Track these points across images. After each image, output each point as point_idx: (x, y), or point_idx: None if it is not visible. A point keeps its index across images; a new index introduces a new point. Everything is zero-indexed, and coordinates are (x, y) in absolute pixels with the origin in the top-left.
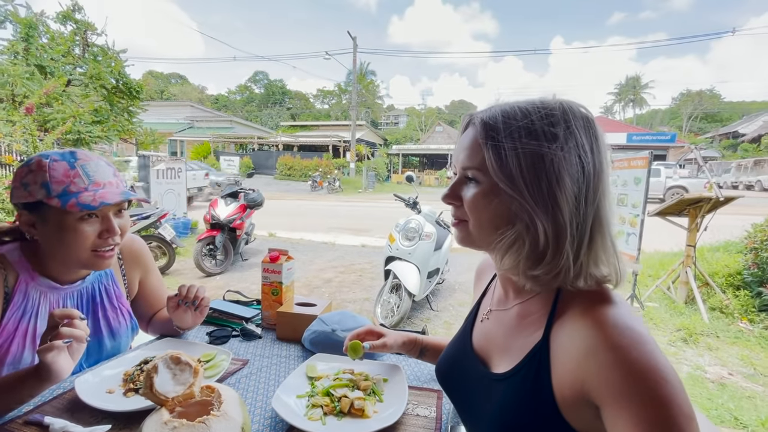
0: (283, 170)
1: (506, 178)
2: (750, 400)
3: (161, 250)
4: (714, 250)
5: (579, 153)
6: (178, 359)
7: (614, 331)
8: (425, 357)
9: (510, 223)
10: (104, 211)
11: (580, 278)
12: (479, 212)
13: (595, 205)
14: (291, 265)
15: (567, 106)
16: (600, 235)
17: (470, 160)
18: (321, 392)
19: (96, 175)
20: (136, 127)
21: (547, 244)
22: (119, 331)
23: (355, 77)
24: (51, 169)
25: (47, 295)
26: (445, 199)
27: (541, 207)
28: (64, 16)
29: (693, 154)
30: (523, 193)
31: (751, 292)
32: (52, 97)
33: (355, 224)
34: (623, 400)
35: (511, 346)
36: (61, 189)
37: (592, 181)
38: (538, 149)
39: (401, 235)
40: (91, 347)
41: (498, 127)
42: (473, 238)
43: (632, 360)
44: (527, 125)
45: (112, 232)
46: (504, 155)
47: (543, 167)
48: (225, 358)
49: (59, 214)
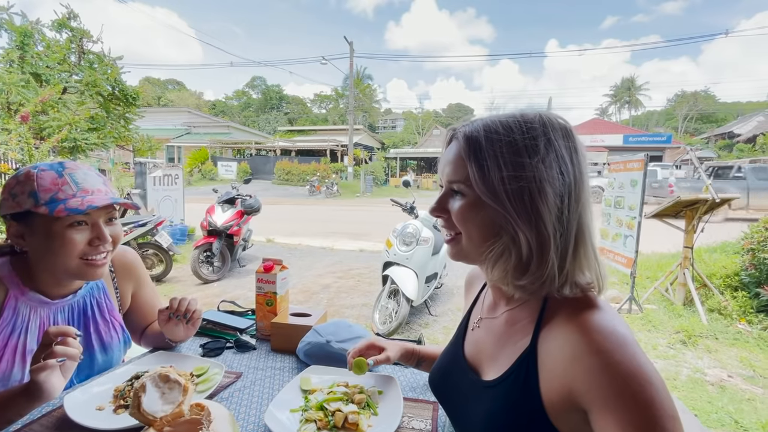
0: (280, 175)
1: (489, 191)
2: (750, 402)
3: (158, 257)
4: (711, 251)
5: (559, 165)
6: (166, 377)
7: (598, 335)
8: (422, 366)
9: (496, 235)
10: (94, 218)
11: (566, 286)
12: (467, 224)
13: (578, 214)
14: (285, 275)
15: (546, 119)
16: (582, 243)
17: (455, 174)
18: (315, 406)
19: (84, 183)
20: (133, 133)
21: (531, 255)
22: (111, 346)
23: (351, 82)
24: (39, 179)
25: (37, 310)
26: (432, 212)
27: (524, 219)
28: (59, 24)
29: (689, 155)
30: (506, 207)
31: (749, 293)
32: (47, 104)
33: (353, 229)
34: (609, 403)
35: (500, 353)
36: (48, 197)
37: (574, 191)
38: (519, 163)
39: (399, 240)
40: (82, 362)
41: (480, 142)
42: (466, 252)
43: (616, 363)
44: (508, 140)
45: (102, 239)
46: (487, 169)
47: (525, 180)
48: (218, 371)
49: (47, 222)
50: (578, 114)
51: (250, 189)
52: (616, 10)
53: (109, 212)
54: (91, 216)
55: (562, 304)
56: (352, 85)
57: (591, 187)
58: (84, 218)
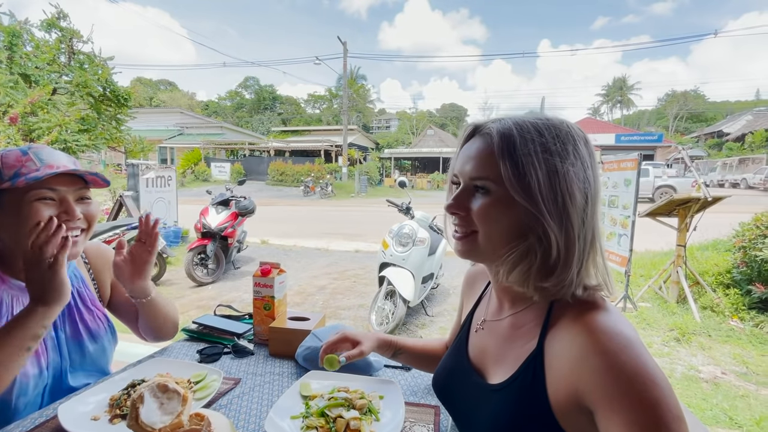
0: (274, 176)
1: (523, 190)
2: (744, 399)
3: None
4: (703, 248)
5: (585, 171)
6: (165, 387)
7: (604, 336)
8: (400, 358)
9: (522, 235)
10: (61, 193)
11: (579, 289)
12: (490, 223)
13: (594, 220)
14: (283, 279)
15: (569, 126)
16: (594, 248)
17: (481, 170)
18: (315, 413)
19: (49, 159)
20: (125, 135)
21: (558, 257)
22: (99, 333)
23: (345, 82)
24: (3, 158)
25: (20, 298)
26: (449, 209)
27: (555, 220)
28: (48, 24)
29: (680, 153)
30: (539, 206)
31: (741, 290)
32: (37, 106)
33: (348, 229)
34: (615, 404)
35: (505, 356)
36: (12, 173)
37: (591, 197)
38: (553, 165)
39: (395, 241)
40: (74, 352)
41: (514, 140)
42: (481, 250)
43: (622, 364)
44: (541, 140)
45: (71, 215)
46: (522, 167)
47: (558, 182)
48: (216, 378)
49: (13, 198)
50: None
51: (244, 190)
52: (607, 11)
53: (78, 190)
54: (59, 191)
55: (568, 306)
56: (346, 85)
57: None
58: (51, 194)
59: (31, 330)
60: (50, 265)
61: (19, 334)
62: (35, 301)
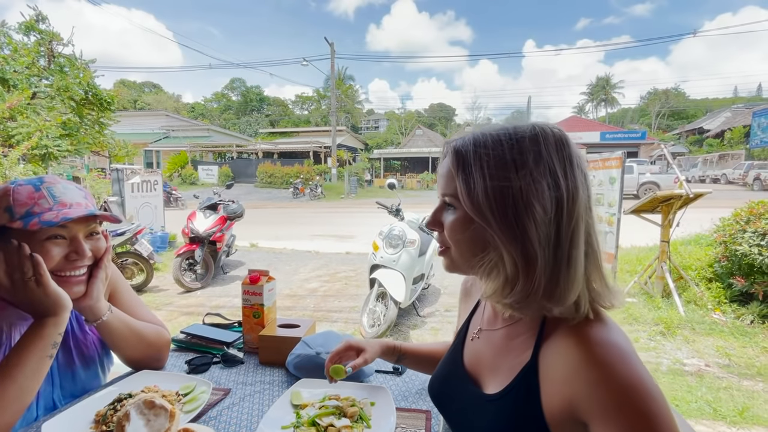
0: (263, 178)
1: (474, 207)
2: (727, 390)
3: (138, 266)
4: (686, 243)
5: (550, 178)
6: (152, 403)
7: (598, 348)
8: (403, 362)
9: (484, 250)
10: (72, 231)
11: (559, 304)
12: (456, 238)
13: (571, 229)
14: (272, 286)
15: (539, 130)
16: (575, 259)
17: (446, 187)
18: (306, 422)
19: (63, 197)
20: (108, 139)
21: (516, 273)
22: (92, 359)
23: (333, 82)
24: (15, 193)
25: (18, 326)
26: (428, 226)
27: (508, 236)
28: (27, 27)
29: (662, 150)
30: (491, 224)
31: (723, 283)
32: (15, 110)
33: (338, 231)
34: (609, 416)
35: (500, 366)
36: (24, 211)
37: (566, 206)
38: (505, 177)
39: (385, 242)
40: (65, 379)
41: (468, 156)
42: (457, 265)
43: (616, 376)
44: (497, 154)
45: (80, 254)
46: (473, 185)
47: (510, 196)
48: (205, 389)
49: (23, 236)
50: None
51: (233, 193)
52: (589, 12)
53: (89, 226)
54: (70, 229)
55: (562, 318)
56: (334, 86)
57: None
58: (62, 232)
59: (49, 339)
60: (37, 282)
61: (39, 344)
62: (42, 317)
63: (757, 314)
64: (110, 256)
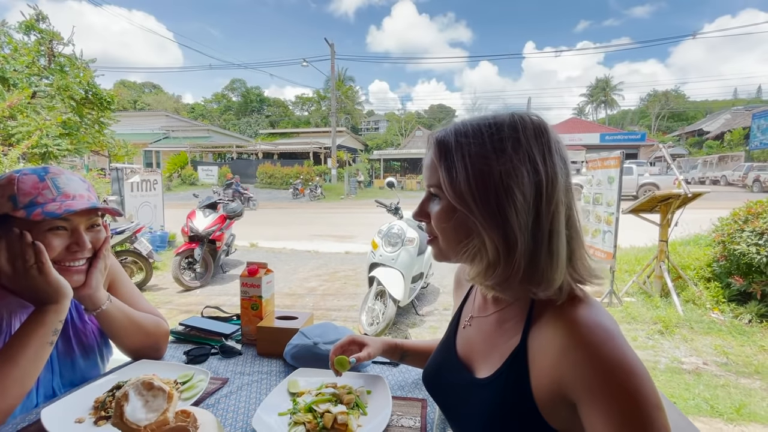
0: (263, 179)
1: (456, 196)
2: (724, 388)
3: (137, 265)
4: (685, 243)
5: (529, 165)
6: (150, 385)
7: (584, 329)
8: (406, 360)
9: (468, 236)
10: (74, 223)
11: (542, 286)
12: (442, 227)
13: (551, 214)
14: (270, 278)
15: (518, 118)
16: (556, 244)
17: (430, 178)
18: (303, 409)
19: (66, 188)
20: (108, 138)
21: (498, 257)
22: (92, 348)
23: (333, 83)
24: (19, 182)
25: (18, 314)
26: (415, 217)
27: (490, 223)
28: (27, 26)
29: (661, 152)
30: (473, 210)
31: (721, 283)
32: (15, 109)
33: (338, 231)
34: (596, 395)
35: (491, 351)
36: (27, 200)
37: (545, 191)
38: (486, 165)
39: (384, 241)
40: (64, 367)
41: (449, 146)
42: (445, 253)
43: (603, 356)
44: (477, 142)
45: (81, 246)
46: (454, 174)
47: (491, 183)
48: (203, 378)
49: (26, 226)
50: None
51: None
52: (589, 14)
53: (90, 218)
54: (72, 221)
55: (549, 301)
56: (334, 87)
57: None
58: (64, 223)
59: (50, 325)
60: (39, 269)
61: (41, 331)
62: (44, 304)
63: (755, 313)
64: (109, 246)
